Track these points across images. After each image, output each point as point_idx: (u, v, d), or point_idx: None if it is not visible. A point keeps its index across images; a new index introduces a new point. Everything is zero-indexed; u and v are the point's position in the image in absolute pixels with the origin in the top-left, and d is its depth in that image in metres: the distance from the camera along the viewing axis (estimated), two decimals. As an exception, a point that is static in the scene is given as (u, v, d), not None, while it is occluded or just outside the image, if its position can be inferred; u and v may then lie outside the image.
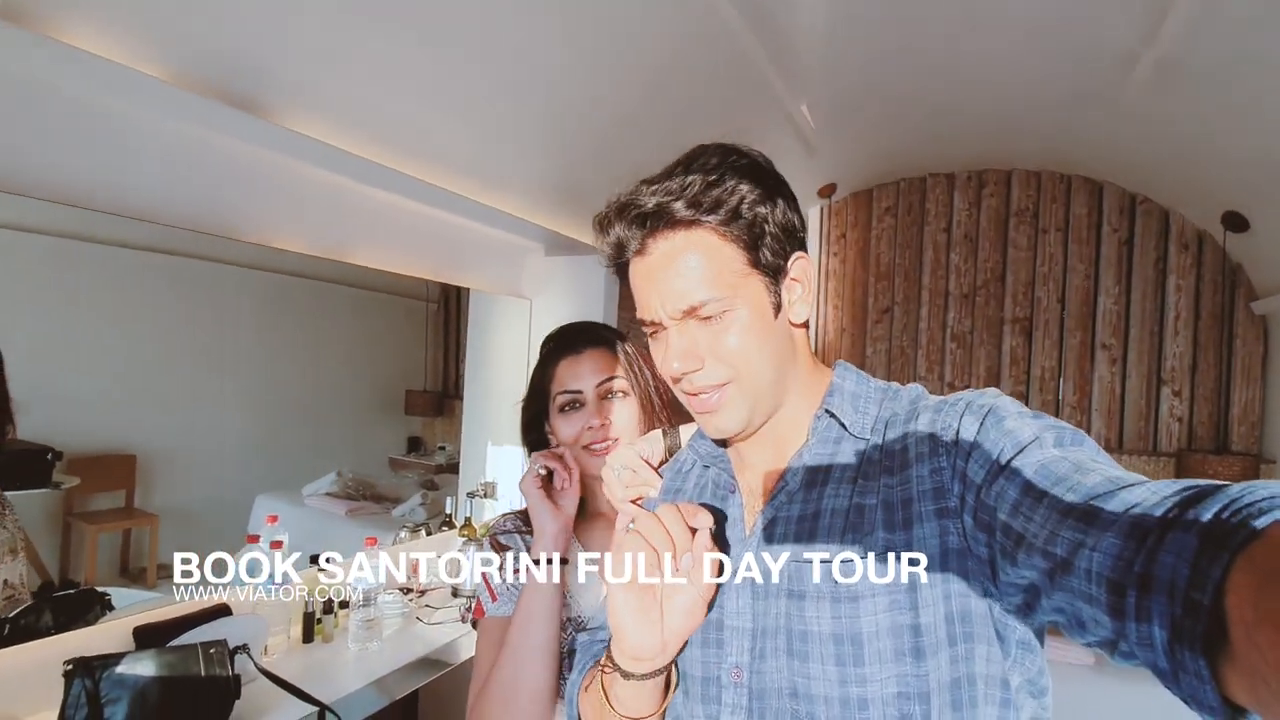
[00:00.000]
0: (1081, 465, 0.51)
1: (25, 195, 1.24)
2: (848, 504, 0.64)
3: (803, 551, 0.64)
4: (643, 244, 0.66)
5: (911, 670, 0.58)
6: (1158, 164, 2.78)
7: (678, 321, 0.65)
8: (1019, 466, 0.54)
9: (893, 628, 0.59)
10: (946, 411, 0.64)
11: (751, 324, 0.65)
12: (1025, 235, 3.27)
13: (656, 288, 0.65)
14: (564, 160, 2.20)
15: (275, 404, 2.54)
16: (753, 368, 0.66)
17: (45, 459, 1.71)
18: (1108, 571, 0.43)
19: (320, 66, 1.48)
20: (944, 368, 3.42)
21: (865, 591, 0.60)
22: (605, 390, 1.03)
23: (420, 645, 1.71)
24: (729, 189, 0.64)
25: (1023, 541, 0.51)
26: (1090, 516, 0.46)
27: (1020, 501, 0.52)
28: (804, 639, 0.62)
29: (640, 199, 0.65)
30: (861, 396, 0.72)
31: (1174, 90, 2.14)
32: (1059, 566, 0.47)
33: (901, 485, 0.63)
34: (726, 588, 0.69)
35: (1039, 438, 0.56)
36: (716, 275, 0.64)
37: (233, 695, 1.24)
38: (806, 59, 2.18)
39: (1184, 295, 3.01)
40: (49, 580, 1.74)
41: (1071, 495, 0.49)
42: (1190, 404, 3.00)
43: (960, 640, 0.59)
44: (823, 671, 0.61)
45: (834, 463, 0.68)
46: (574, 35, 1.72)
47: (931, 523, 0.60)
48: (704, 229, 0.64)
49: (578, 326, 1.12)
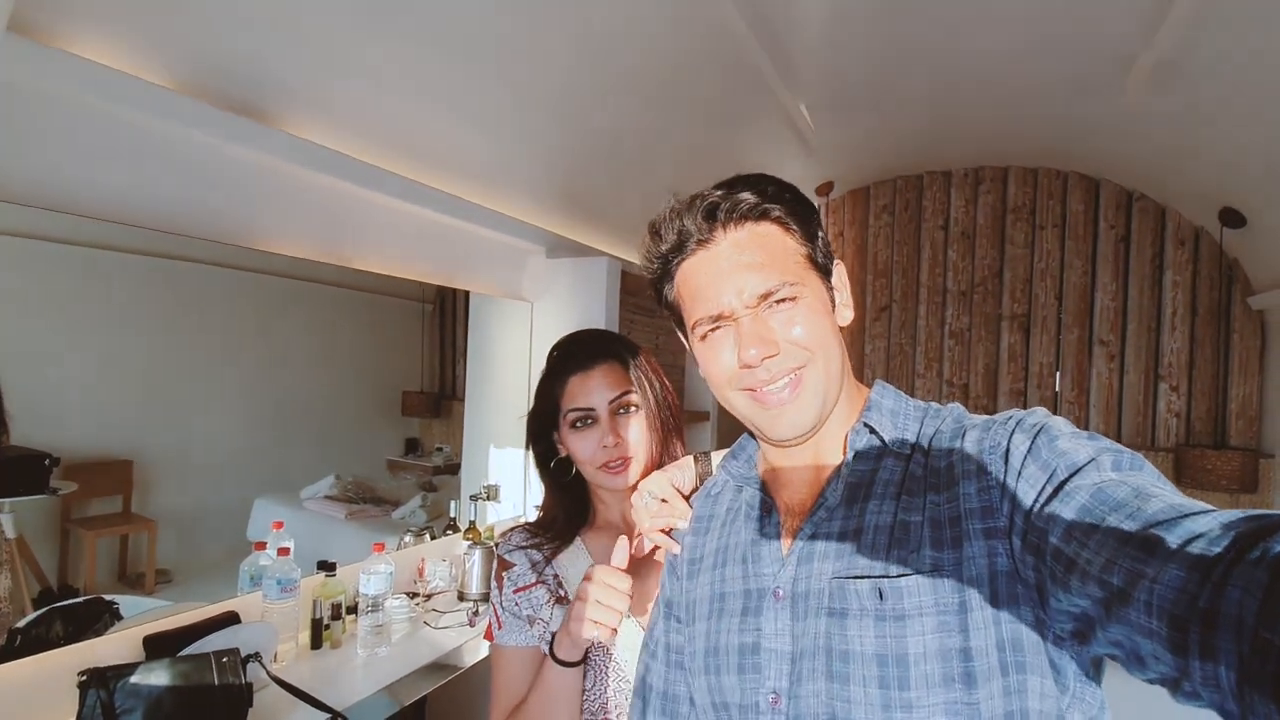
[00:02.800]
0: (1142, 491, 0.48)
1: (26, 205, 1.22)
2: (892, 520, 0.62)
3: (845, 568, 0.62)
4: (710, 234, 0.67)
5: (962, 697, 0.55)
6: (1155, 161, 2.81)
7: (752, 310, 0.66)
8: (1073, 489, 0.52)
9: (941, 650, 0.56)
10: (995, 430, 0.62)
11: (822, 309, 0.68)
12: (1022, 232, 3.29)
13: (729, 277, 0.66)
14: (565, 162, 2.19)
15: (272, 407, 2.53)
16: (828, 352, 0.67)
17: (42, 465, 1.70)
18: (1169, 605, 0.40)
19: (324, 72, 1.47)
20: (942, 364, 3.43)
21: (912, 610, 0.58)
22: (618, 406, 1.02)
23: (428, 650, 1.71)
24: (785, 191, 0.69)
25: (1075, 568, 0.48)
26: (1151, 546, 0.43)
27: (1074, 526, 0.50)
28: (845, 659, 0.60)
29: (706, 195, 0.68)
30: (900, 413, 0.71)
31: (1171, 87, 2.15)
32: (1116, 597, 0.44)
33: (949, 503, 0.60)
34: (764, 608, 0.67)
35: (1095, 460, 0.53)
36: (787, 263, 0.67)
37: (246, 704, 1.24)
38: (805, 58, 2.18)
39: (1181, 291, 3.04)
40: (48, 587, 1.72)
41: (1130, 522, 0.46)
42: (1188, 399, 3.03)
43: (1013, 670, 0.56)
44: (864, 695, 0.58)
45: (875, 478, 0.66)
46: (573, 37, 1.71)
47: (980, 542, 0.58)
48: (770, 222, 0.68)
49: (586, 337, 1.09)
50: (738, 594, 0.71)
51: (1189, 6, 1.71)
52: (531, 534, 1.08)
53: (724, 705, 0.68)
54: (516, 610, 1.02)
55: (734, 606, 0.70)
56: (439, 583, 2.09)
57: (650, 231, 0.72)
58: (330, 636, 1.68)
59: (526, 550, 1.06)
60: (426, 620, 1.88)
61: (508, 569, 1.05)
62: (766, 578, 0.68)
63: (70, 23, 1.10)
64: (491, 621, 1.04)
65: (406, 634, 1.80)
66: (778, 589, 0.67)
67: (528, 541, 1.07)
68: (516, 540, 1.08)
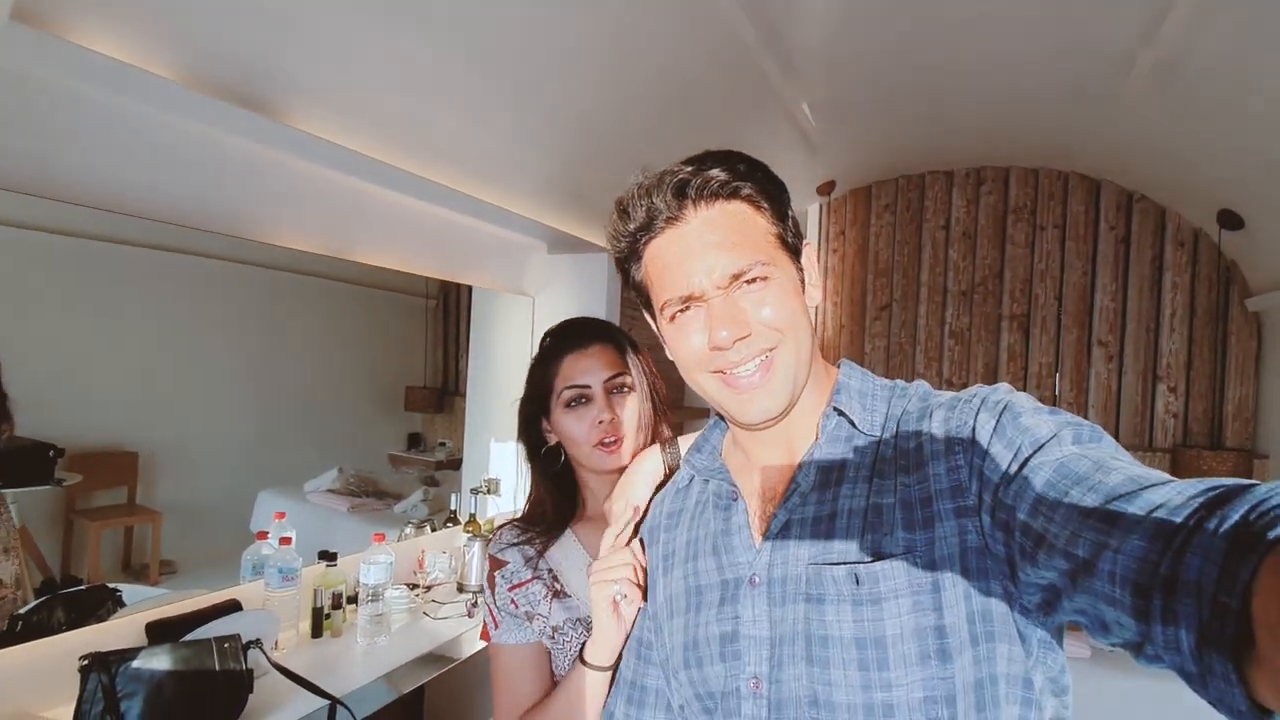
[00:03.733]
0: (1102, 463, 0.50)
1: (32, 195, 1.24)
2: (865, 504, 0.63)
3: (821, 554, 0.63)
4: (680, 212, 0.65)
5: (938, 673, 0.57)
6: (1155, 162, 2.81)
7: (722, 290, 0.64)
8: (1037, 464, 0.53)
9: (917, 630, 0.58)
10: (961, 408, 0.63)
11: (793, 290, 0.67)
12: (1023, 232, 3.30)
13: (699, 256, 0.64)
14: (567, 159, 2.20)
15: (277, 401, 2.54)
16: (798, 334, 0.66)
17: (47, 456, 1.72)
18: (1132, 574, 0.42)
19: (327, 66, 1.48)
20: (942, 364, 3.44)
21: (888, 594, 0.59)
22: (613, 385, 1.02)
23: (427, 640, 1.72)
24: (756, 170, 0.68)
25: (1043, 542, 0.50)
26: (1113, 517, 0.45)
27: (1039, 500, 0.51)
28: (824, 644, 0.60)
29: (676, 172, 0.66)
30: (869, 394, 0.71)
31: (1172, 89, 2.16)
32: (1081, 568, 0.46)
33: (919, 484, 0.61)
34: (741, 596, 0.67)
35: (1057, 435, 0.55)
36: (758, 243, 0.66)
37: (246, 689, 1.25)
38: (808, 57, 2.19)
39: (1180, 292, 3.04)
40: (51, 577, 1.74)
41: (1093, 495, 0.47)
42: (1185, 400, 3.04)
43: (983, 640, 0.57)
44: (845, 677, 0.59)
45: (847, 461, 0.67)
46: (576, 34, 1.73)
47: (951, 521, 0.59)
48: (740, 200, 0.66)
49: (580, 321, 1.10)
50: (714, 585, 0.71)
51: (1189, 7, 1.72)
52: (522, 530, 1.07)
53: (708, 695, 0.69)
54: (513, 608, 1.02)
55: (711, 598, 0.70)
56: (438, 574, 2.11)
57: (617, 209, 0.69)
58: (331, 625, 1.70)
59: (519, 547, 1.05)
60: (426, 611, 1.90)
61: (500, 568, 1.04)
62: (741, 566, 0.69)
63: (77, 13, 1.10)
64: (487, 622, 1.04)
65: (406, 624, 1.82)
66: (754, 576, 0.67)
67: (519, 538, 1.06)
68: (507, 538, 1.07)
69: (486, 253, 2.47)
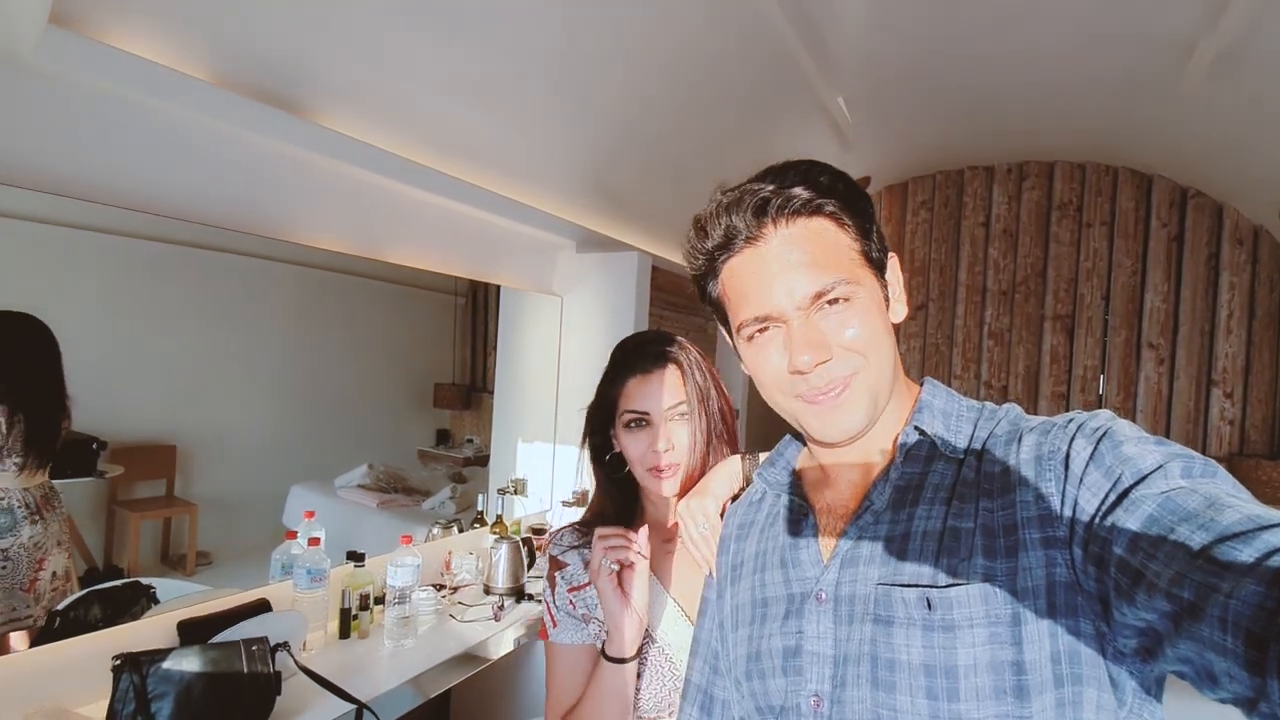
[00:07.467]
0: (1215, 500, 0.46)
1: (70, 197, 1.26)
2: (941, 526, 0.60)
3: (891, 574, 0.60)
4: (759, 231, 0.63)
5: (1014, 710, 0.53)
6: (1212, 156, 2.67)
7: (803, 311, 0.62)
8: (1140, 497, 0.49)
9: (992, 663, 0.54)
10: (1055, 433, 0.59)
11: (876, 309, 0.65)
12: (1068, 230, 3.17)
13: (779, 277, 0.62)
14: (598, 157, 2.17)
15: (309, 396, 2.57)
16: (881, 354, 0.64)
17: (91, 448, 1.75)
18: (1246, 622, 0.38)
19: (359, 66, 1.47)
20: (980, 366, 3.34)
21: (962, 621, 0.55)
22: (673, 414, 1.02)
23: (453, 643, 1.72)
24: (839, 183, 0.65)
25: (1142, 580, 0.46)
26: (1225, 559, 0.41)
27: (1140, 536, 0.47)
28: (890, 668, 0.58)
29: (755, 189, 0.63)
30: (953, 414, 0.68)
31: (1233, 79, 2.05)
32: (1186, 612, 0.42)
33: (1004, 510, 0.58)
34: (806, 611, 0.65)
35: (1164, 466, 0.51)
36: (840, 261, 0.63)
37: (274, 692, 1.26)
38: (844, 52, 2.12)
39: (1238, 293, 2.90)
40: (94, 566, 1.78)
41: (1202, 533, 0.43)
42: (1243, 406, 2.89)
43: (1069, 682, 0.53)
44: (912, 704, 0.56)
45: (925, 482, 0.64)
46: (609, 32, 1.69)
47: (1037, 552, 0.55)
48: (823, 217, 0.64)
49: (649, 339, 1.10)
50: (780, 598, 0.69)
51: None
52: (582, 534, 1.10)
53: (769, 708, 0.68)
54: (571, 610, 1.05)
55: (776, 611, 0.69)
56: (465, 575, 2.11)
57: (695, 226, 0.68)
58: (358, 627, 1.70)
59: (579, 549, 1.08)
60: (452, 613, 1.89)
61: (561, 569, 1.08)
62: (808, 581, 0.67)
63: (112, 16, 1.11)
64: (546, 621, 1.07)
65: (433, 626, 1.81)
66: (820, 592, 0.65)
67: (579, 541, 1.09)
68: (568, 541, 1.10)
69: (515, 252, 2.45)
